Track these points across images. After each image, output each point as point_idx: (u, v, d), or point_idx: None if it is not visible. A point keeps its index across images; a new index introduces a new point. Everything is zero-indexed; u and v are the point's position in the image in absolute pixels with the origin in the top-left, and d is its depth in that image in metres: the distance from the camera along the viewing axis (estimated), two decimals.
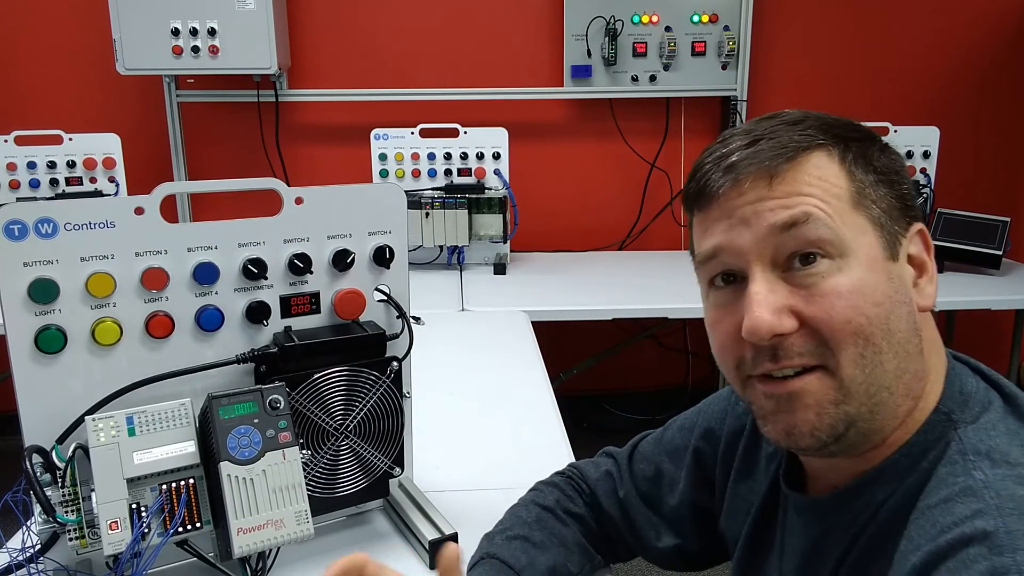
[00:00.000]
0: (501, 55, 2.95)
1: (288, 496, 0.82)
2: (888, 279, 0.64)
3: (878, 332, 0.62)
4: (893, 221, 0.66)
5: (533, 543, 0.87)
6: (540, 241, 2.96)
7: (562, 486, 0.97)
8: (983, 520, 0.54)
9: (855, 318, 0.62)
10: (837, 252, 0.63)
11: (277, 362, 0.91)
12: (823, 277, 0.63)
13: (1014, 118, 3.11)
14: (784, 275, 0.64)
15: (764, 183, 0.64)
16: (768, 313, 0.62)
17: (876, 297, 0.62)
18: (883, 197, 0.66)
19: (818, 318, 0.62)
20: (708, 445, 0.89)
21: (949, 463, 0.61)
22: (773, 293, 0.63)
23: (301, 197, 0.93)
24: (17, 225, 0.79)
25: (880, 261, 0.64)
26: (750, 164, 0.65)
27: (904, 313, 0.64)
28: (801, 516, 0.73)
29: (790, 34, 2.98)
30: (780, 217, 0.63)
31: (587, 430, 2.93)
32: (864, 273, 0.63)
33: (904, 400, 0.65)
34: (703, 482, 0.90)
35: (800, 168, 0.64)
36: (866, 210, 0.65)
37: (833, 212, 0.63)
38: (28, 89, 2.84)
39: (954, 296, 2.38)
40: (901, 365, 0.64)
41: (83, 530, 0.80)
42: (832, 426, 0.63)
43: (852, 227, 0.64)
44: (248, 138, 2.92)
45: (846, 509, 0.68)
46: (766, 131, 0.67)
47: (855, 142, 0.67)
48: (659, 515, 0.93)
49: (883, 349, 0.62)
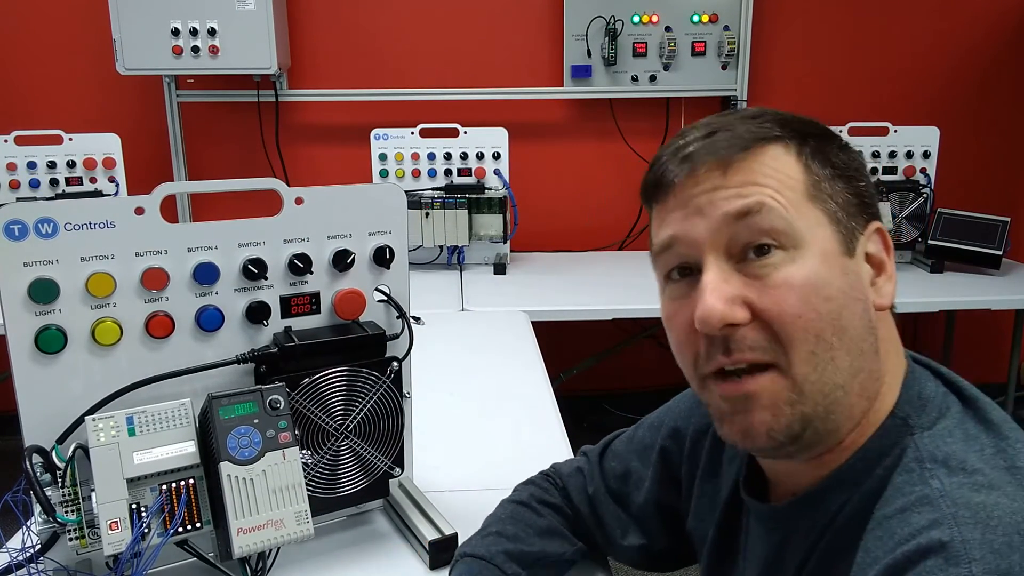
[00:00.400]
0: (501, 55, 2.94)
1: (288, 496, 0.82)
2: (843, 274, 0.63)
3: (829, 328, 0.61)
4: (850, 217, 0.65)
5: (506, 536, 0.89)
6: (540, 241, 2.96)
7: (537, 482, 0.99)
8: (939, 530, 0.53)
9: (806, 312, 0.61)
10: (791, 243, 0.62)
11: (277, 362, 0.91)
12: (776, 268, 0.62)
13: (1014, 118, 3.11)
14: (738, 266, 0.63)
15: (719, 172, 0.64)
16: (720, 302, 0.62)
17: (828, 291, 0.62)
18: (840, 192, 0.65)
19: (770, 311, 0.61)
20: (674, 444, 0.89)
21: (905, 471, 0.60)
22: (726, 283, 0.63)
23: (301, 197, 0.93)
24: (17, 225, 0.79)
25: (835, 256, 0.63)
26: (706, 154, 0.65)
27: (858, 311, 0.63)
28: (761, 524, 0.73)
29: (790, 34, 2.98)
30: (734, 206, 0.63)
31: (587, 430, 2.93)
32: (817, 266, 0.62)
33: (859, 400, 0.64)
34: (669, 481, 0.89)
35: (756, 159, 0.64)
36: (822, 203, 0.64)
37: (787, 203, 0.63)
38: (28, 89, 2.84)
39: (954, 296, 2.38)
40: (855, 363, 0.63)
41: (83, 530, 0.80)
42: (788, 426, 0.62)
43: (807, 219, 0.63)
44: (248, 138, 2.92)
45: (804, 516, 0.67)
46: (723, 124, 0.67)
47: (813, 137, 0.67)
48: (627, 513, 0.93)
49: (834, 346, 0.62)
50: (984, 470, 0.57)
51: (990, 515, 0.53)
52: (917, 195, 2.56)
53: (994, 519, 0.52)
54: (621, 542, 0.93)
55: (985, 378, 3.07)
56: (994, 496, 0.55)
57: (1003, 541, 0.51)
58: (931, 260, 2.55)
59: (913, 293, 2.37)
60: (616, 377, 3.18)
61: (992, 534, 0.51)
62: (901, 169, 2.60)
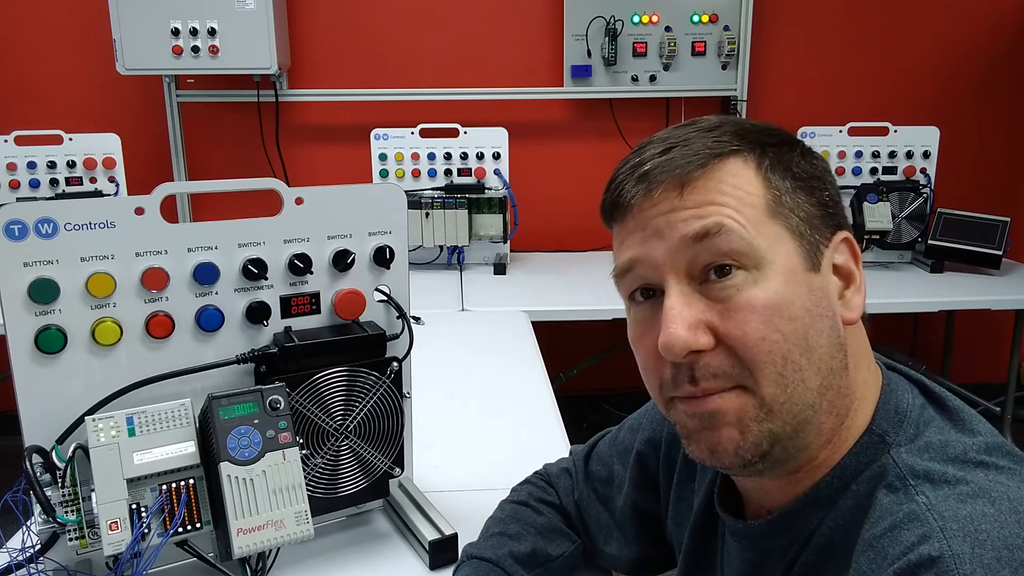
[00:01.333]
0: (501, 55, 2.94)
1: (288, 496, 0.82)
2: (808, 291, 0.61)
3: (796, 348, 0.60)
4: (814, 230, 0.63)
5: (509, 535, 0.89)
6: (540, 241, 2.96)
7: (534, 481, 1.00)
8: (929, 545, 0.53)
9: (770, 335, 0.59)
10: (752, 263, 0.60)
11: (277, 362, 0.91)
12: (738, 290, 0.60)
13: (1014, 118, 3.11)
14: (700, 287, 0.62)
15: (676, 192, 0.62)
16: (683, 329, 0.60)
17: (793, 311, 0.60)
18: (802, 205, 0.63)
19: (733, 335, 0.60)
20: (651, 448, 0.89)
21: (891, 489, 0.59)
22: (688, 307, 0.61)
23: (301, 197, 0.93)
24: (17, 225, 0.79)
25: (799, 272, 0.62)
26: (662, 172, 0.63)
27: (826, 327, 0.62)
28: (737, 540, 0.72)
29: (790, 34, 2.98)
30: (692, 228, 0.61)
31: (587, 430, 2.92)
32: (780, 286, 0.60)
33: (829, 418, 0.62)
34: (647, 485, 0.89)
35: (713, 176, 0.62)
36: (783, 219, 0.62)
37: (747, 222, 0.61)
38: (28, 89, 2.84)
39: (954, 296, 2.38)
40: (825, 382, 0.61)
41: (83, 530, 0.80)
42: (756, 444, 0.61)
43: (768, 237, 0.61)
44: (248, 138, 2.92)
45: (780, 535, 0.66)
46: (680, 138, 0.65)
47: (772, 147, 0.65)
48: (611, 517, 0.93)
49: (803, 366, 0.60)
50: (967, 478, 0.57)
51: (978, 528, 0.52)
52: (917, 195, 2.56)
53: (982, 532, 0.52)
54: (603, 548, 0.93)
55: (985, 378, 3.07)
56: (980, 505, 0.54)
57: (992, 556, 0.51)
58: (931, 260, 2.55)
59: (913, 293, 2.37)
60: (616, 377, 3.18)
61: (981, 548, 0.51)
62: (901, 169, 2.60)
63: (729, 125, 0.66)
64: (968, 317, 3.12)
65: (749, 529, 0.70)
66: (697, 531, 0.80)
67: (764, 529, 0.68)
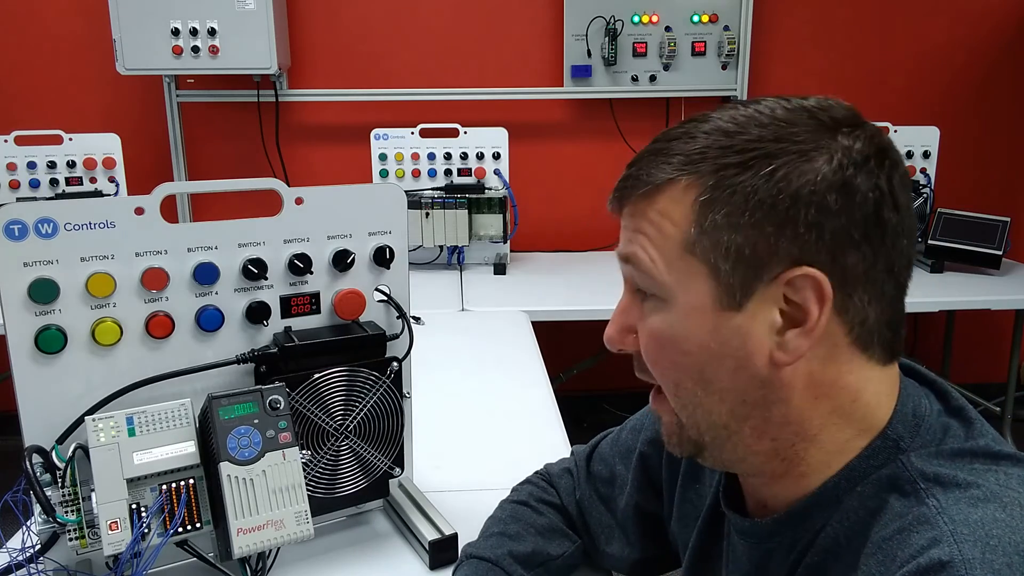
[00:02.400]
0: (501, 55, 2.94)
1: (288, 496, 0.82)
2: (712, 330, 0.61)
3: (687, 380, 0.64)
4: (745, 266, 0.59)
5: (509, 536, 0.89)
6: (540, 241, 2.96)
7: (535, 481, 1.00)
8: (939, 549, 0.52)
9: (660, 360, 0.65)
10: (660, 295, 0.64)
11: (277, 362, 0.91)
12: (647, 314, 0.65)
13: (1014, 118, 3.11)
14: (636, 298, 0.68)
15: (628, 210, 0.67)
16: (613, 329, 0.69)
17: (686, 347, 0.62)
18: (737, 237, 0.58)
19: (641, 350, 0.67)
20: (653, 449, 0.89)
21: (902, 494, 0.59)
22: (623, 313, 0.69)
23: (301, 197, 0.93)
24: (17, 225, 0.79)
25: (707, 311, 0.61)
26: (621, 187, 0.67)
27: (728, 367, 0.61)
28: (743, 539, 0.72)
29: (790, 34, 2.98)
30: (621, 250, 0.67)
31: (587, 430, 2.93)
32: (678, 320, 0.63)
33: (761, 441, 0.63)
34: (649, 486, 0.89)
35: (650, 203, 0.63)
36: (702, 255, 0.60)
37: (658, 256, 0.63)
38: (28, 89, 2.84)
39: (954, 296, 2.38)
40: (738, 410, 0.63)
41: (83, 530, 0.80)
42: (681, 444, 0.68)
43: (679, 273, 0.62)
44: (248, 138, 2.92)
45: (786, 534, 0.67)
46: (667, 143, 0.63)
47: (732, 168, 0.59)
48: (612, 517, 0.93)
49: (699, 394, 0.64)
50: (978, 483, 0.57)
51: (989, 532, 0.52)
52: (917, 195, 2.56)
53: (993, 537, 0.52)
54: (605, 548, 0.93)
55: (985, 378, 3.07)
56: (991, 509, 0.54)
57: (1003, 561, 0.51)
58: (931, 260, 2.55)
59: (913, 293, 2.34)
60: (616, 377, 3.18)
61: (992, 554, 0.51)
62: None
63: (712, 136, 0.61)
64: (968, 317, 3.12)
65: (755, 527, 0.70)
66: (704, 531, 0.80)
67: (770, 528, 0.68)
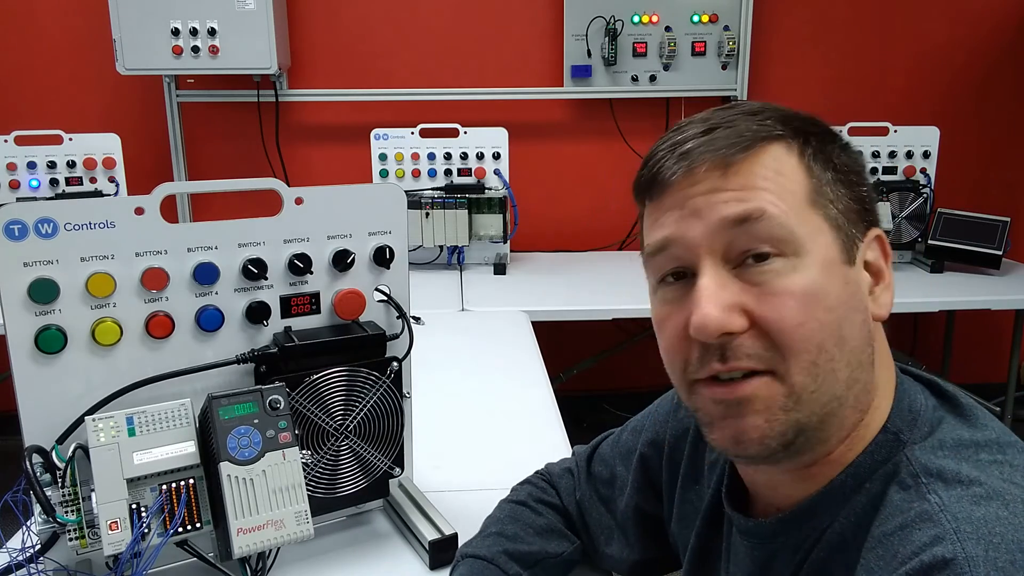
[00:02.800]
0: (501, 55, 2.94)
1: (288, 496, 0.82)
2: (844, 283, 0.61)
3: (830, 339, 0.60)
4: (851, 224, 0.63)
5: (506, 535, 0.89)
6: (540, 241, 2.96)
7: (534, 482, 0.99)
8: (942, 547, 0.52)
9: (807, 321, 0.59)
10: (792, 251, 0.60)
11: (277, 362, 0.91)
12: (776, 275, 0.59)
13: (1014, 118, 3.11)
14: (736, 271, 0.61)
15: (719, 173, 0.61)
16: (717, 310, 0.59)
17: (830, 301, 0.60)
18: (841, 197, 0.63)
19: (769, 319, 0.59)
20: (653, 451, 0.88)
21: (902, 487, 0.59)
22: (723, 289, 0.60)
23: (301, 197, 0.93)
24: (17, 225, 0.79)
25: (836, 264, 0.61)
26: (705, 152, 0.61)
27: (858, 321, 0.62)
28: (745, 539, 0.71)
29: (790, 34, 2.98)
30: (734, 211, 0.60)
31: (587, 430, 2.93)
32: (819, 275, 0.60)
33: (853, 412, 0.62)
34: (649, 488, 0.89)
35: (757, 160, 0.61)
36: (823, 209, 0.62)
37: (789, 209, 0.60)
38: (28, 89, 2.84)
39: (954, 296, 2.38)
40: (853, 375, 0.61)
41: (83, 530, 0.80)
42: (782, 433, 0.60)
43: (808, 226, 0.61)
44: (248, 138, 2.92)
45: (791, 534, 0.66)
46: (723, 120, 0.64)
47: (815, 137, 0.64)
48: (612, 518, 0.92)
49: (835, 356, 0.60)
50: (981, 479, 0.57)
51: (992, 531, 0.52)
52: (917, 195, 2.56)
53: (996, 535, 0.52)
54: (604, 549, 0.92)
55: (985, 378, 3.07)
56: (994, 508, 0.54)
57: (1007, 559, 0.51)
58: (931, 260, 2.55)
59: (913, 293, 2.37)
60: (616, 377, 3.18)
61: (995, 552, 0.51)
62: (901, 169, 2.60)
63: (772, 111, 0.65)
64: (968, 317, 3.11)
65: (759, 527, 0.69)
66: (703, 532, 0.79)
67: (775, 527, 0.67)
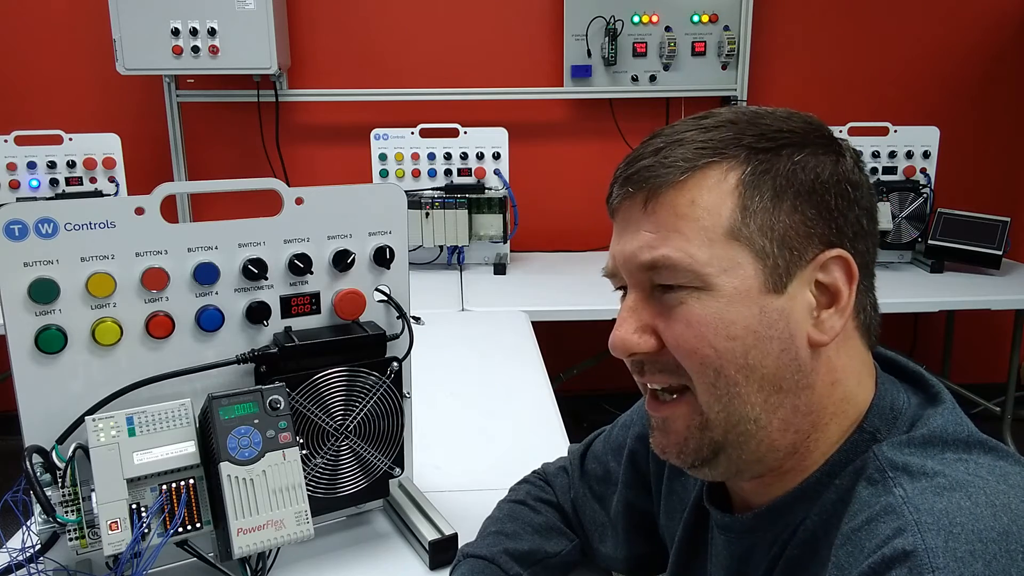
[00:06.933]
0: (501, 55, 2.94)
1: (288, 496, 0.82)
2: (758, 313, 0.61)
3: (731, 366, 0.61)
4: (787, 248, 0.61)
5: (506, 534, 0.90)
6: (540, 241, 2.96)
7: (532, 481, 1.00)
8: (903, 539, 0.53)
9: (700, 348, 0.61)
10: (699, 284, 0.62)
11: (277, 362, 0.91)
12: (679, 304, 0.62)
13: (1014, 118, 3.11)
14: (653, 293, 0.65)
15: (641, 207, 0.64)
16: (628, 332, 0.65)
17: (733, 331, 0.61)
18: (777, 223, 0.61)
19: (670, 343, 0.63)
20: (641, 445, 0.89)
21: (870, 483, 0.60)
22: (636, 312, 0.65)
23: (301, 197, 0.93)
24: (17, 225, 0.79)
25: (752, 294, 0.61)
26: (639, 180, 0.64)
27: (774, 350, 0.61)
28: (724, 534, 0.73)
29: (790, 34, 2.98)
30: (645, 257, 0.63)
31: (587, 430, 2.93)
32: (723, 307, 0.61)
33: (783, 434, 0.63)
34: (639, 483, 0.90)
35: (683, 192, 0.62)
36: (746, 240, 0.61)
37: (698, 250, 0.61)
38: (28, 89, 2.84)
39: (954, 296, 2.38)
40: (771, 399, 0.62)
41: (83, 530, 0.80)
42: (697, 450, 0.65)
43: (722, 261, 0.61)
44: (248, 138, 2.92)
45: (767, 529, 0.67)
46: (677, 137, 0.64)
47: (767, 152, 0.62)
48: (606, 515, 0.93)
49: (739, 382, 0.61)
50: (945, 472, 0.57)
51: (953, 521, 0.52)
52: (917, 195, 2.56)
53: (957, 526, 0.52)
54: (599, 546, 0.93)
55: (985, 378, 3.07)
56: (956, 498, 0.54)
57: (966, 549, 0.51)
58: (931, 260, 2.55)
59: (913, 293, 2.37)
60: (616, 377, 3.16)
61: (955, 542, 0.51)
62: (901, 169, 2.60)
63: (733, 126, 0.64)
64: (968, 317, 3.12)
65: (735, 523, 0.70)
66: (690, 524, 0.80)
67: (750, 523, 0.68)
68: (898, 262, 2.64)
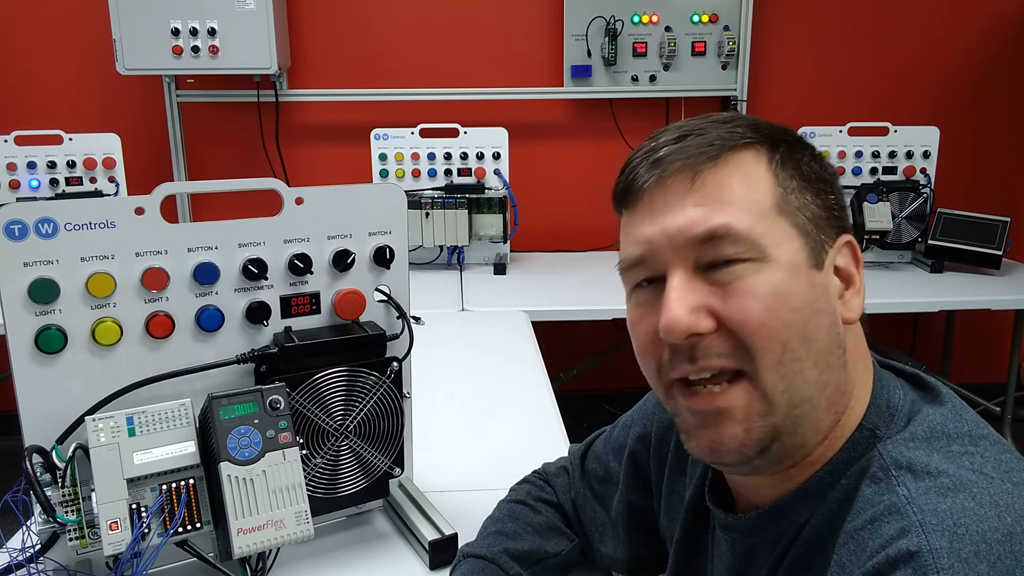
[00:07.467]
0: (501, 55, 2.94)
1: (288, 496, 0.82)
2: (810, 286, 0.62)
3: (795, 338, 0.60)
4: (819, 230, 0.64)
5: (506, 534, 0.90)
6: (540, 241, 2.96)
7: (532, 480, 1.00)
8: (907, 540, 0.53)
9: (770, 320, 0.60)
10: (757, 256, 0.61)
11: (277, 362, 0.91)
12: (741, 277, 0.61)
13: (1014, 118, 3.11)
14: (704, 273, 0.62)
15: (687, 181, 0.63)
16: (684, 312, 0.61)
17: (794, 302, 0.61)
18: (808, 204, 0.64)
19: (734, 318, 0.61)
20: (641, 445, 0.89)
21: (873, 481, 0.60)
22: (690, 291, 0.62)
23: (301, 197, 0.93)
24: (17, 225, 0.79)
25: (803, 268, 0.62)
26: (676, 159, 0.63)
27: (825, 323, 0.62)
28: (727, 533, 0.72)
29: (790, 34, 2.98)
30: (700, 230, 0.62)
31: (587, 430, 2.93)
32: (784, 277, 0.61)
33: (827, 415, 0.63)
34: (639, 483, 0.89)
35: (725, 168, 0.63)
36: (791, 216, 0.63)
37: (754, 220, 0.62)
38: (28, 89, 2.84)
39: (954, 296, 2.38)
40: (822, 377, 0.62)
41: (83, 530, 0.80)
42: (759, 440, 0.62)
43: (774, 234, 0.62)
44: (248, 138, 2.92)
45: (770, 528, 0.67)
46: (695, 128, 0.66)
47: (784, 144, 0.66)
48: (607, 515, 0.93)
49: (802, 356, 0.61)
50: (949, 471, 0.57)
51: (957, 522, 0.52)
52: (917, 195, 2.56)
53: (961, 526, 0.52)
54: (599, 547, 0.93)
55: (985, 378, 3.07)
56: (960, 499, 0.54)
57: (971, 550, 0.51)
58: (931, 260, 2.55)
59: (913, 293, 2.37)
60: (616, 377, 3.18)
61: (960, 543, 0.51)
62: (901, 169, 2.60)
63: (743, 119, 0.67)
64: (968, 317, 3.12)
65: (739, 523, 0.70)
66: (688, 524, 0.80)
67: (753, 523, 0.68)
68: (898, 262, 2.64)
